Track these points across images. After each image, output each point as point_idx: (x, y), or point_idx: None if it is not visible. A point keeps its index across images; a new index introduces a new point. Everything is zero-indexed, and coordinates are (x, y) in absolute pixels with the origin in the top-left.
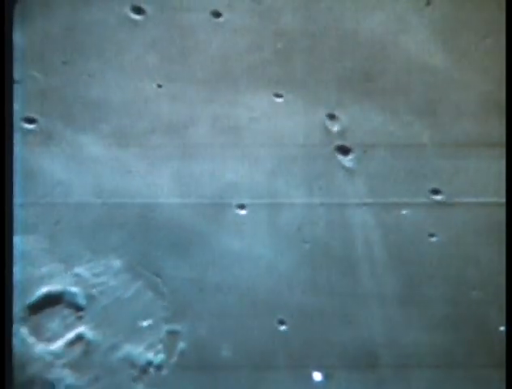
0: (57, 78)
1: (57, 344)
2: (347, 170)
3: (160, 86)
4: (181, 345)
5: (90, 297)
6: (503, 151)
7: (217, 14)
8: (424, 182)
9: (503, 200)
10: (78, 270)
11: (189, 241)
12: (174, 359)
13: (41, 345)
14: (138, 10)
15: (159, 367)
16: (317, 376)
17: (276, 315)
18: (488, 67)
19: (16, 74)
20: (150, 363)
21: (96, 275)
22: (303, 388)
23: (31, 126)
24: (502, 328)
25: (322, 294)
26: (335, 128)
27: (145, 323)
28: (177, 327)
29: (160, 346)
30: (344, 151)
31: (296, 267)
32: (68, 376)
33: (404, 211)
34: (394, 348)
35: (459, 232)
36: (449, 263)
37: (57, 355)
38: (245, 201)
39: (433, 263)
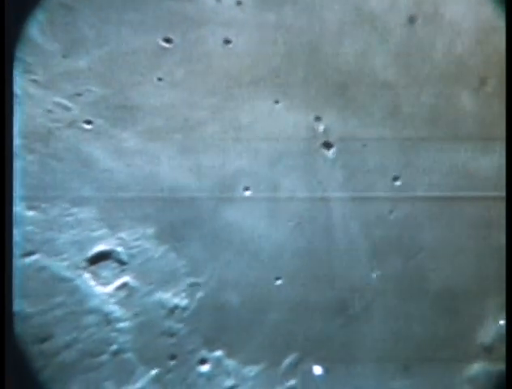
0: (107, 90)
1: (109, 287)
2: (330, 161)
3: (182, 95)
4: (200, 294)
5: (130, 255)
6: (448, 145)
7: (227, 41)
8: (387, 171)
9: (441, 181)
10: (121, 234)
11: (205, 214)
12: (195, 304)
13: (98, 287)
14: (168, 40)
15: (183, 309)
16: (317, 370)
17: (274, 272)
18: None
19: (78, 89)
20: (176, 306)
21: (134, 239)
22: (294, 327)
23: (88, 127)
24: (502, 322)
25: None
26: (321, 128)
27: (171, 276)
28: (195, 279)
29: (183, 294)
30: (327, 145)
31: (288, 234)
32: (117, 310)
33: (372, 193)
34: (362, 291)
35: (411, 208)
36: None
37: (109, 295)
38: (249, 184)
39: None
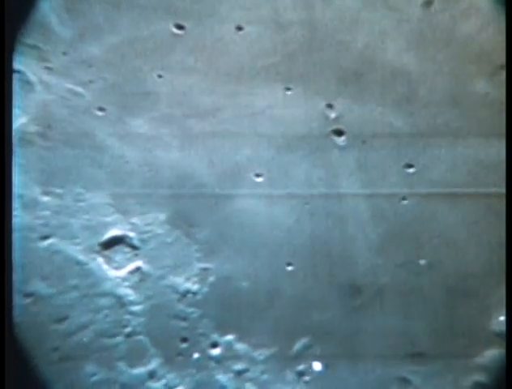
0: (120, 77)
1: (122, 271)
2: (340, 148)
3: (194, 82)
4: (211, 279)
5: (143, 241)
6: (459, 138)
7: (240, 28)
8: (399, 158)
9: (450, 173)
10: (134, 220)
11: (216, 200)
12: (206, 288)
13: (112, 271)
14: (179, 26)
15: (194, 293)
16: (317, 366)
17: (285, 258)
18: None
19: (91, 76)
20: (188, 290)
21: (146, 224)
22: (304, 312)
23: (101, 113)
24: (502, 318)
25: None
26: (332, 115)
27: (183, 261)
28: (207, 265)
29: (195, 278)
30: (338, 133)
31: (299, 220)
32: (131, 294)
33: (383, 179)
34: (372, 280)
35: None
36: None
37: (122, 279)
38: (260, 171)
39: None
